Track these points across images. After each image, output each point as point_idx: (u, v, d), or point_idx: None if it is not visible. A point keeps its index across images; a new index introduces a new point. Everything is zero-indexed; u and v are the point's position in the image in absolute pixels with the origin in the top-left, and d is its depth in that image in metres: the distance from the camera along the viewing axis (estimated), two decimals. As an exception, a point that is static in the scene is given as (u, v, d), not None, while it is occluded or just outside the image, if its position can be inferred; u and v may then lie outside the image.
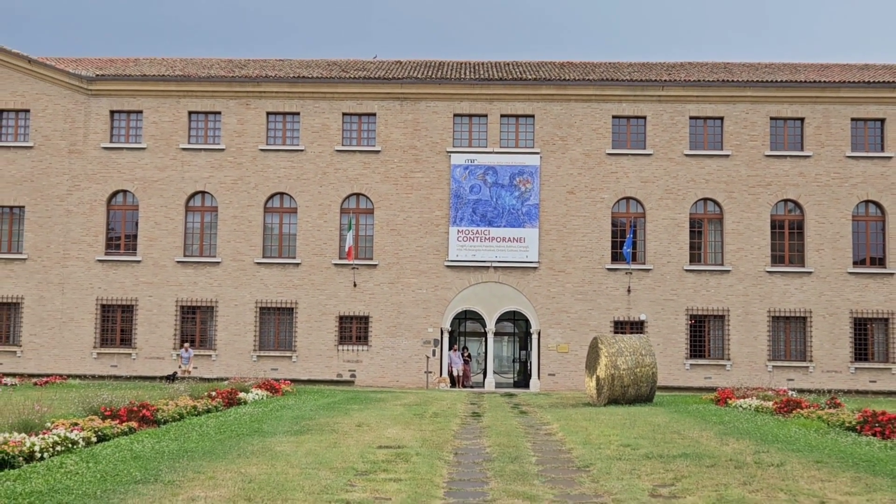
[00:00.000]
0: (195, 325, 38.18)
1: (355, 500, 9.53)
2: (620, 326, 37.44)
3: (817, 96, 37.99)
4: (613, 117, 38.40)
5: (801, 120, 38.16)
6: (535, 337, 38.05)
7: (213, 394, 22.47)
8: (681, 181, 37.96)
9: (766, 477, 11.32)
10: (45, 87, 38.62)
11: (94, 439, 13.95)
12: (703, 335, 37.80)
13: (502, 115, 38.52)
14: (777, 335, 37.63)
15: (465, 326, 40.57)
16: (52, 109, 38.54)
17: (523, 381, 39.90)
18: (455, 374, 37.98)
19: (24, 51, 39.15)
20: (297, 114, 38.64)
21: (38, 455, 11.98)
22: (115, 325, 38.18)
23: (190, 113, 38.69)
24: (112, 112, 38.70)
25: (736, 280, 37.58)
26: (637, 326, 37.45)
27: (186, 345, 36.36)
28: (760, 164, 37.88)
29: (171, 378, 34.14)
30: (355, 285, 37.86)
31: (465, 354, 39.99)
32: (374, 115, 38.59)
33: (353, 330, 38.02)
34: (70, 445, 12.99)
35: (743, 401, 24.60)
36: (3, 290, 38.02)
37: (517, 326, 41.31)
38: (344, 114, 38.57)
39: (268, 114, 38.65)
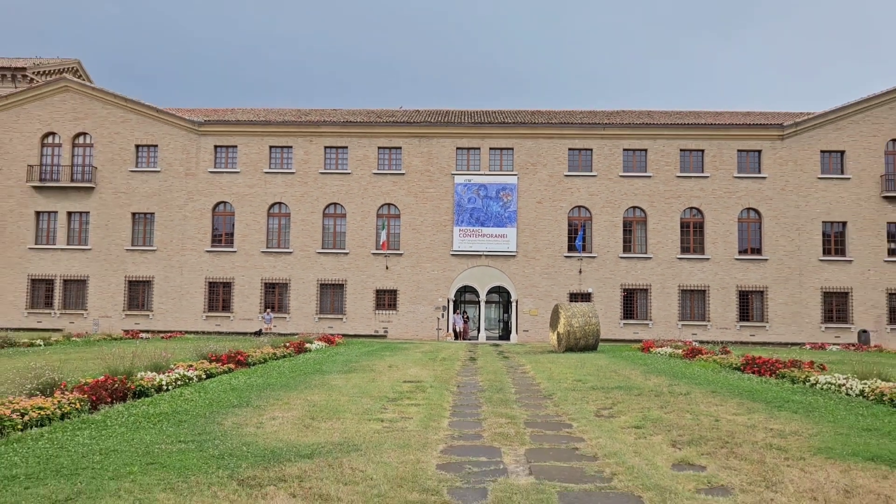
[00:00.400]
0: (275, 296, 38.20)
1: (388, 418, 9.57)
2: (574, 297, 37.36)
3: (713, 134, 37.78)
4: (569, 149, 38.23)
5: (702, 151, 37.96)
6: (514, 304, 38.00)
7: (287, 344, 22.55)
8: (617, 194, 37.81)
9: (677, 402, 11.33)
10: (168, 128, 38.61)
11: (203, 376, 14.01)
12: (633, 303, 37.69)
13: (491, 148, 38.40)
14: (685, 303, 37.52)
15: (464, 297, 40.54)
16: (173, 145, 38.53)
17: (506, 335, 39.87)
18: (457, 330, 37.94)
19: (154, 102, 39.16)
20: (346, 147, 38.55)
21: (165, 387, 12.05)
22: (218, 296, 38.23)
23: (270, 147, 38.64)
24: (215, 146, 38.68)
25: (656, 264, 37.46)
26: (586, 297, 37.36)
27: (268, 310, 36.41)
28: (673, 182, 37.71)
29: (258, 333, 34.14)
30: (387, 268, 37.84)
31: (465, 316, 39.94)
32: (400, 148, 38.49)
33: (386, 299, 38.00)
34: (187, 381, 13.06)
35: (661, 349, 24.61)
36: (141, 272, 38.11)
37: (501, 297, 41.26)
38: (379, 147, 38.48)
39: (325, 147, 38.58)
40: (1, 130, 38.64)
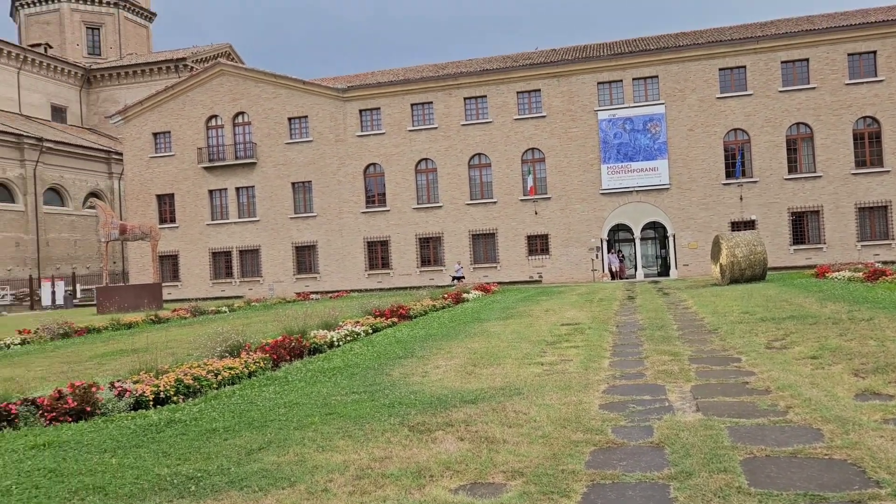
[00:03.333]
0: (429, 250, 39.27)
1: (547, 361, 9.62)
2: (736, 226, 35.34)
3: (887, 32, 33.80)
4: (720, 69, 35.75)
5: (874, 53, 34.11)
6: (671, 239, 36.63)
7: (446, 296, 23.05)
8: (776, 112, 35.00)
9: (859, 329, 10.48)
10: (316, 99, 40.26)
11: (370, 331, 14.56)
12: (803, 226, 35.09)
13: (634, 79, 36.73)
14: (863, 221, 34.40)
15: (618, 235, 39.57)
16: (321, 114, 40.19)
17: (665, 271, 38.59)
18: (613, 270, 37.23)
19: (300, 76, 40.97)
20: (485, 96, 38.39)
21: (336, 343, 12.70)
22: (377, 255, 39.89)
23: (412, 105, 39.28)
24: (360, 111, 39.90)
25: (826, 182, 34.51)
26: (749, 225, 35.22)
27: (459, 262, 37.22)
28: (841, 91, 34.30)
29: (458, 280, 35.12)
30: (536, 213, 37.65)
31: (620, 255, 39.07)
32: (539, 90, 37.77)
33: (538, 245, 37.93)
34: (355, 336, 13.62)
35: (837, 273, 22.75)
36: (305, 237, 40.51)
37: (657, 232, 39.86)
38: (518, 92, 37.98)
39: (465, 99, 38.64)
40: (172, 119, 42.06)
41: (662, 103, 36.20)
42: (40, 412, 7.44)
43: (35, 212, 50.69)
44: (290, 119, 40.69)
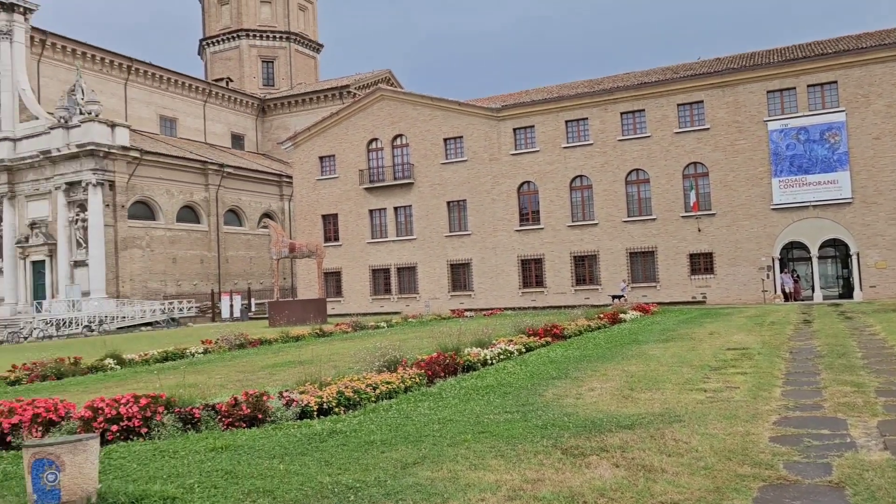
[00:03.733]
0: (584, 268, 38.65)
1: (711, 388, 9.15)
2: (933, 243, 31.77)
3: None
4: (911, 70, 32.51)
5: None
6: (854, 257, 33.58)
7: (601, 315, 22.59)
8: (983, 115, 31.22)
9: None
10: (471, 119, 41.07)
11: (523, 350, 14.58)
12: None
13: (809, 86, 34.23)
14: None
15: (791, 254, 36.84)
16: (476, 134, 40.93)
17: (847, 293, 35.40)
18: (787, 291, 34.71)
19: (455, 97, 42.04)
20: (643, 110, 37.38)
21: (489, 361, 12.80)
22: (531, 273, 39.82)
23: (566, 121, 39.03)
24: (514, 129, 40.20)
25: None
26: (949, 242, 31.53)
27: (624, 279, 36.35)
28: None
29: (617, 297, 34.52)
30: (699, 230, 35.98)
31: (794, 275, 36.37)
32: (702, 101, 36.20)
33: (701, 263, 36.19)
34: (508, 355, 13.69)
35: None
36: (459, 255, 41.28)
37: (837, 250, 36.67)
38: (678, 105, 36.63)
39: (621, 113, 37.83)
40: (336, 143, 44.58)
41: (842, 110, 33.44)
42: (219, 417, 8.11)
43: (217, 231, 55.53)
44: (445, 140, 41.77)
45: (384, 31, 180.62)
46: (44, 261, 49.04)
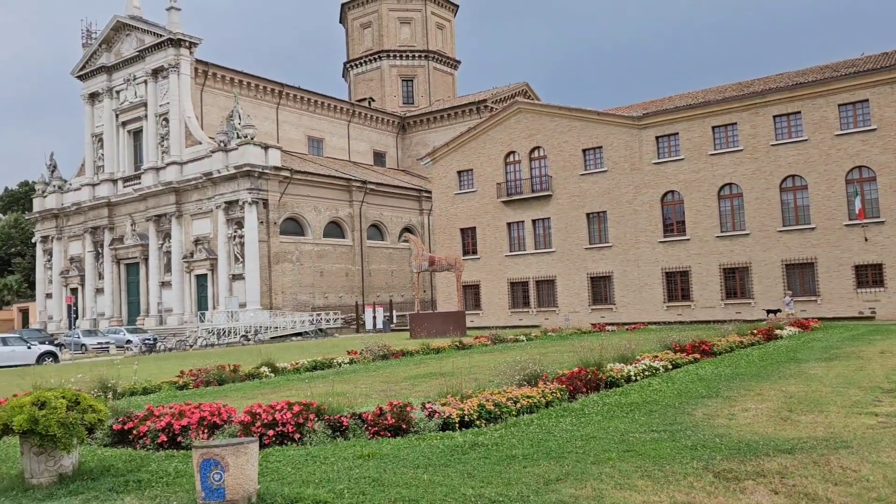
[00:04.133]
0: (734, 281, 36.72)
1: (884, 412, 8.41)
2: None
3: None
4: None
5: None
6: None
7: (755, 331, 21.38)
8: None
9: None
10: (610, 129, 40.30)
11: (669, 366, 14.13)
12: None
13: None
14: None
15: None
16: (616, 143, 40.09)
17: None
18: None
19: (593, 107, 41.43)
20: (798, 112, 35.10)
21: (633, 378, 12.50)
22: (676, 286, 38.34)
23: (713, 127, 37.38)
24: (657, 137, 39.01)
25: None
26: None
27: (789, 293, 33.94)
28: None
29: (774, 312, 32.70)
30: (866, 240, 33.19)
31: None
32: (867, 101, 33.47)
33: (869, 275, 33.34)
34: (653, 371, 13.31)
35: None
36: (600, 268, 40.48)
37: None
38: (839, 105, 34.07)
39: (774, 117, 35.71)
40: (473, 157, 45.19)
41: None
42: (365, 426, 8.43)
43: (360, 246, 57.83)
44: (584, 150, 41.21)
45: (520, 45, 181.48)
46: (206, 274, 53.10)
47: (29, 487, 6.59)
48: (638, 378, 12.53)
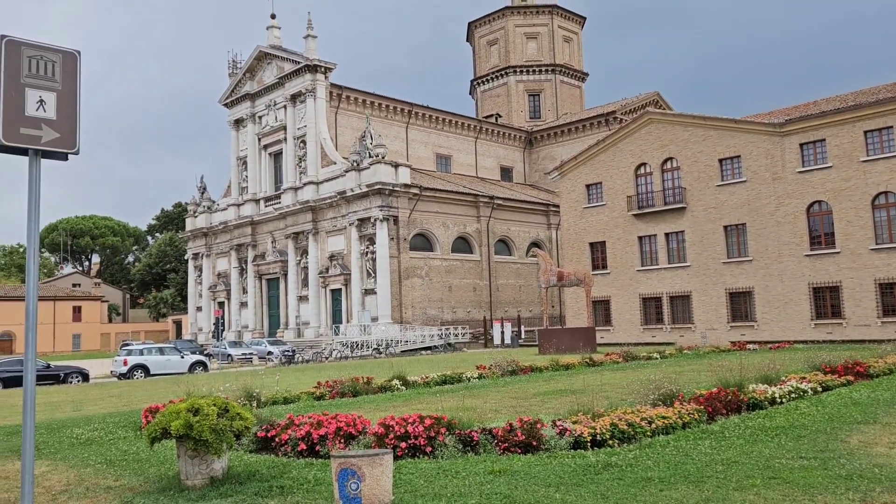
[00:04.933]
0: (893, 297, 33.80)
1: None
2: None
3: None
4: None
5: None
6: None
7: (918, 353, 19.55)
8: None
9: None
10: (749, 137, 38.39)
11: (818, 389, 13.26)
12: None
13: None
14: None
15: None
16: (755, 152, 38.12)
17: None
18: None
19: (730, 115, 39.62)
20: (966, 111, 32.00)
21: (778, 400, 11.79)
22: (825, 302, 35.78)
23: (865, 132, 34.73)
24: (801, 144, 36.73)
25: None
26: None
27: None
28: None
29: None
30: None
31: None
32: None
33: None
34: (801, 393, 12.51)
35: None
36: (739, 283, 38.51)
37: None
38: None
39: (937, 117, 32.75)
40: (602, 170, 44.40)
41: None
42: (495, 441, 8.45)
43: (488, 261, 58.18)
44: (720, 160, 39.47)
45: (651, 54, 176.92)
46: (340, 289, 55.24)
47: (184, 488, 7.11)
48: (783, 400, 11.79)
